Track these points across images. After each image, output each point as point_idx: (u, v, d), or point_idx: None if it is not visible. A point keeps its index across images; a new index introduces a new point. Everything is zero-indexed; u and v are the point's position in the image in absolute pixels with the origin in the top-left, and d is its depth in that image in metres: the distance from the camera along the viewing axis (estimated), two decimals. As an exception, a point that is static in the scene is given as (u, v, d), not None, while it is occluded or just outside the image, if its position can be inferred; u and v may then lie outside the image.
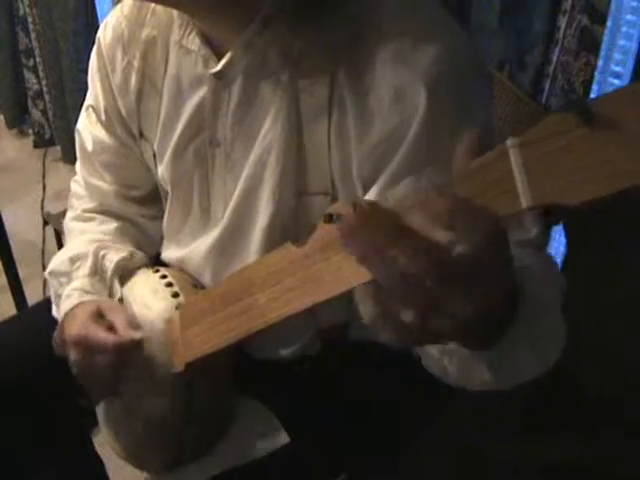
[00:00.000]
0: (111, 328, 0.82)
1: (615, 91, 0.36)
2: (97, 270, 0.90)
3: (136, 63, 0.85)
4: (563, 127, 0.37)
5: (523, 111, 1.53)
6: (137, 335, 0.80)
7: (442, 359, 0.60)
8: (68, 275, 0.90)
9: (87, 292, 0.87)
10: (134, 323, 0.82)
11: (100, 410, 0.96)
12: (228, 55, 0.74)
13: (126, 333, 0.80)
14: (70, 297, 0.87)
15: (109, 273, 0.89)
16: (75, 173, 1.02)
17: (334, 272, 0.56)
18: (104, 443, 0.99)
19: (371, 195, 0.70)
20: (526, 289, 0.52)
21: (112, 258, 0.90)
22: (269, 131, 0.75)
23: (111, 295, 0.89)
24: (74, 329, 0.83)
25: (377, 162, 0.69)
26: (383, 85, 0.67)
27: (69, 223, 1.00)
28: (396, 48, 0.67)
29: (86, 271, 0.89)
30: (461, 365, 0.59)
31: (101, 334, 0.81)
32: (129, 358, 0.82)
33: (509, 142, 0.40)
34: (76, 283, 0.89)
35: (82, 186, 1.00)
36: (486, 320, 0.45)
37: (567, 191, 0.38)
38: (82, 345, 0.82)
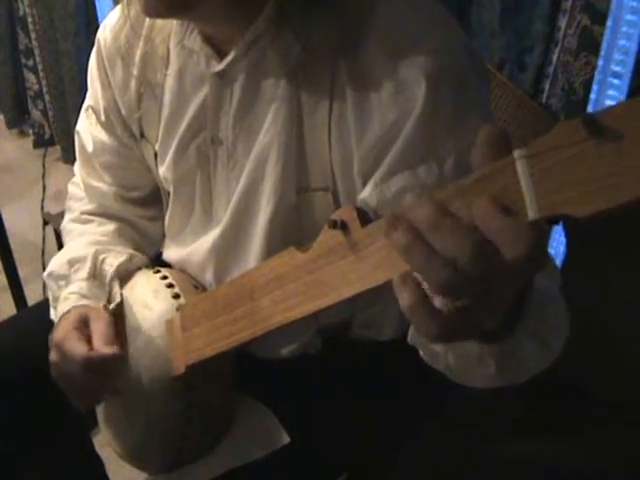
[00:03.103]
0: (90, 339, 0.82)
1: (622, 103, 0.36)
2: (96, 274, 0.90)
3: (135, 71, 0.85)
4: (571, 139, 0.37)
5: (523, 111, 1.52)
6: (108, 351, 0.79)
7: (447, 355, 0.60)
8: (66, 278, 0.90)
9: (84, 296, 0.87)
10: (111, 338, 0.81)
11: (100, 411, 0.95)
12: (231, 55, 0.74)
13: (98, 348, 0.80)
14: (67, 300, 0.87)
15: (108, 277, 0.89)
16: (74, 173, 1.02)
17: (339, 277, 0.56)
18: (104, 443, 0.99)
19: (368, 189, 0.70)
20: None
21: (112, 262, 0.90)
22: (270, 128, 0.75)
23: (110, 299, 0.89)
24: (58, 332, 0.83)
25: (377, 156, 0.69)
26: (383, 80, 0.67)
27: (67, 225, 1.00)
28: (396, 43, 0.67)
29: (84, 275, 0.89)
30: (465, 361, 0.59)
31: (75, 344, 0.81)
32: (104, 372, 0.81)
33: (516, 153, 0.40)
34: (74, 287, 0.88)
35: (81, 188, 1.00)
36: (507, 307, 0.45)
37: (574, 202, 0.38)
38: (58, 350, 0.82)
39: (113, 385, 0.84)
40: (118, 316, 0.88)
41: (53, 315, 0.91)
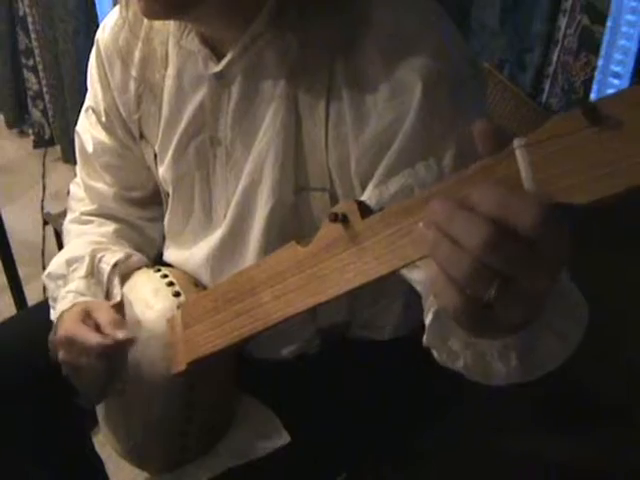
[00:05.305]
0: (98, 328, 0.82)
1: (620, 91, 0.36)
2: (93, 272, 0.90)
3: (134, 72, 0.85)
4: (570, 127, 0.37)
5: (523, 111, 1.53)
6: (120, 335, 0.80)
7: (465, 353, 0.60)
8: (64, 278, 0.90)
9: (82, 294, 0.87)
10: (119, 322, 0.82)
11: (100, 410, 0.95)
12: (229, 56, 0.74)
13: (110, 332, 0.80)
14: (65, 299, 0.87)
15: (105, 275, 0.89)
16: (75, 173, 1.02)
17: (339, 271, 0.56)
18: (104, 443, 0.99)
19: (368, 190, 0.70)
20: None
21: (109, 260, 0.90)
22: (268, 128, 0.75)
23: (109, 296, 0.89)
24: (62, 329, 0.84)
25: (374, 157, 0.69)
26: (380, 82, 0.67)
27: (68, 225, 1.00)
28: (392, 44, 0.68)
29: (82, 273, 0.89)
30: (485, 356, 0.58)
31: (87, 335, 0.81)
32: (116, 358, 0.82)
33: (516, 142, 0.40)
34: (72, 285, 0.88)
35: (82, 188, 1.00)
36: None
37: (574, 190, 0.38)
38: (69, 345, 0.82)
39: (123, 375, 0.84)
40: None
41: (53, 315, 0.91)
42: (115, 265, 0.89)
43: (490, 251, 0.40)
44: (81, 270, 0.89)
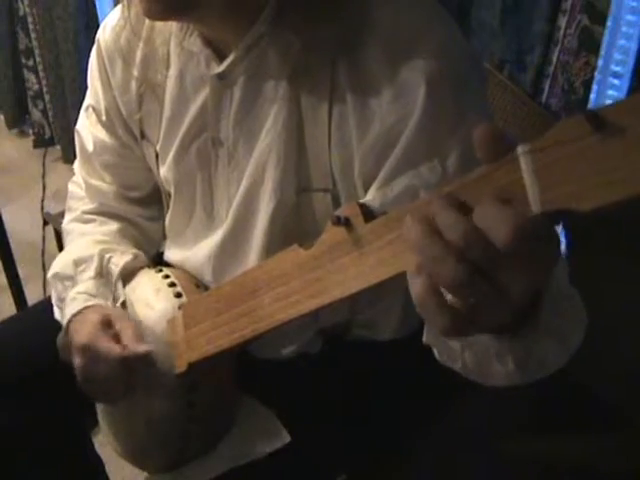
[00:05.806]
0: (118, 338, 0.82)
1: (626, 98, 0.36)
2: (102, 273, 0.89)
3: (136, 72, 0.85)
4: (574, 134, 0.38)
5: (523, 111, 1.53)
6: (142, 349, 0.80)
7: (463, 353, 0.60)
8: (73, 278, 0.90)
9: (92, 296, 0.87)
10: (141, 336, 0.82)
11: (100, 410, 0.96)
12: (231, 57, 0.74)
13: (132, 346, 0.80)
14: (75, 300, 0.87)
15: (115, 277, 0.89)
16: (75, 172, 1.02)
17: (342, 274, 0.56)
18: (104, 443, 0.99)
19: (371, 191, 0.70)
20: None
21: (118, 262, 0.90)
22: (270, 129, 0.75)
23: (115, 298, 0.89)
24: (82, 335, 0.83)
25: (377, 158, 0.69)
26: (383, 83, 0.67)
27: (68, 225, 1.00)
28: (395, 45, 0.68)
29: (91, 274, 0.89)
30: (483, 358, 0.58)
31: (108, 345, 0.81)
32: (134, 369, 0.82)
33: (519, 149, 0.40)
34: (81, 287, 0.88)
35: (81, 187, 1.00)
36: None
37: (577, 197, 0.38)
38: (88, 353, 0.82)
39: (137, 380, 0.84)
40: None
41: (58, 315, 0.91)
42: (124, 267, 0.89)
43: (474, 249, 0.41)
44: (90, 271, 0.89)
